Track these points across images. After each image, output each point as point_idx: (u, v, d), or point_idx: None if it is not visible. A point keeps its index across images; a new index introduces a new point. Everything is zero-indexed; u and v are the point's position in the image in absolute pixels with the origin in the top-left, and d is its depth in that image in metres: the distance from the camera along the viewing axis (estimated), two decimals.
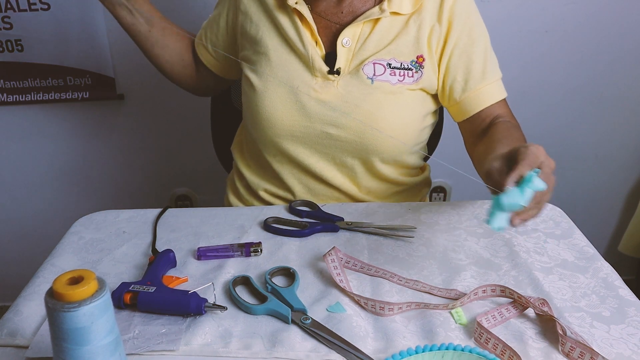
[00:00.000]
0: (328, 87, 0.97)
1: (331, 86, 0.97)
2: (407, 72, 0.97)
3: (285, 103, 0.98)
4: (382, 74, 0.96)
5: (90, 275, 0.54)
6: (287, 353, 0.65)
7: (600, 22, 1.59)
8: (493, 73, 1.00)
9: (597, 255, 0.84)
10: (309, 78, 0.97)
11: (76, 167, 1.78)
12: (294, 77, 0.98)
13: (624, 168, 1.82)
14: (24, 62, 1.60)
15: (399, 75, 0.96)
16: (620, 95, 1.70)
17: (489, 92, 0.99)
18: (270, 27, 1.00)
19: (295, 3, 0.96)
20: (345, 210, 0.97)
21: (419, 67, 0.97)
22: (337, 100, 0.96)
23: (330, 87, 0.97)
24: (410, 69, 0.97)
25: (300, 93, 0.97)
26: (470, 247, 0.86)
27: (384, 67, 0.96)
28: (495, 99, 1.00)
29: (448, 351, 0.61)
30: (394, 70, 0.96)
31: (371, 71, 0.96)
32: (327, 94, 0.97)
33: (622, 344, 0.66)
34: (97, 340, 0.54)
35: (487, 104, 0.99)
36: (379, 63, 0.96)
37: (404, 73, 0.97)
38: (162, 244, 0.88)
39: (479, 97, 0.99)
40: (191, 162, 1.76)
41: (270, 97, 0.98)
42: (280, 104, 0.98)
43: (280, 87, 0.98)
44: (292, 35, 0.98)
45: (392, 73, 0.96)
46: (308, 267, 0.81)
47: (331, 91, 0.97)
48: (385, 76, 0.96)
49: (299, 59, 0.98)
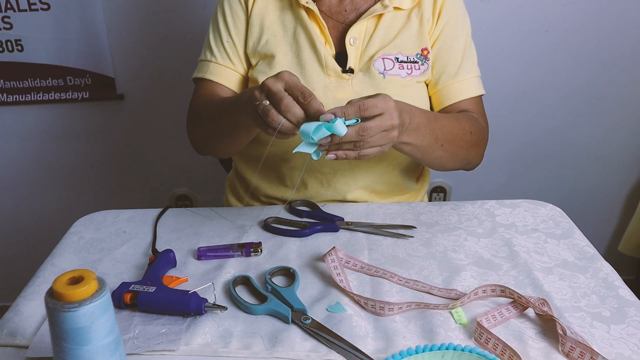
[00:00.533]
0: (343, 86, 0.98)
1: (346, 85, 0.98)
2: (414, 65, 0.99)
3: None
4: (392, 68, 0.98)
5: (90, 275, 0.54)
6: (287, 353, 0.65)
7: (600, 22, 1.59)
8: (468, 71, 1.02)
9: (597, 255, 0.84)
10: (323, 78, 0.98)
11: (76, 167, 1.78)
12: (308, 79, 0.98)
13: (624, 168, 1.82)
14: (24, 62, 1.60)
15: (407, 68, 0.99)
16: (620, 95, 1.70)
17: (460, 88, 1.01)
18: (280, 32, 1.00)
19: (306, 2, 0.97)
20: (345, 210, 0.97)
21: (424, 60, 1.00)
22: (353, 98, 0.96)
23: (345, 86, 0.98)
24: (416, 61, 0.99)
25: (317, 95, 0.96)
26: (470, 247, 0.86)
27: (392, 61, 0.98)
28: (465, 96, 1.02)
29: (448, 351, 0.61)
30: (402, 64, 0.98)
31: (381, 66, 0.97)
32: (343, 93, 0.97)
33: (622, 344, 0.66)
34: (97, 340, 0.54)
35: (456, 100, 1.01)
36: (388, 58, 0.98)
37: (411, 66, 0.99)
38: (162, 244, 0.88)
39: (450, 92, 1.01)
40: (191, 162, 1.76)
41: None
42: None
43: None
44: (302, 36, 0.98)
45: (400, 67, 0.98)
46: (308, 267, 0.81)
47: (346, 90, 0.98)
48: (395, 70, 0.98)
49: (312, 60, 0.98)
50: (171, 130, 1.72)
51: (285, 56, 0.99)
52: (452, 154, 0.95)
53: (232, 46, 1.03)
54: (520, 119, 1.73)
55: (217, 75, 1.04)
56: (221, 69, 1.04)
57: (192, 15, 1.58)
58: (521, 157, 1.79)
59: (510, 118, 1.71)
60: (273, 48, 1.00)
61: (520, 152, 1.78)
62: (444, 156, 0.94)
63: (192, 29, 1.59)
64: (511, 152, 1.77)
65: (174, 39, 1.60)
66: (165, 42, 1.61)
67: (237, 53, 1.03)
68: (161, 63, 1.63)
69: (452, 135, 0.92)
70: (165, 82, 1.66)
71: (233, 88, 1.05)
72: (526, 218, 0.94)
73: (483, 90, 1.05)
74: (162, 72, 1.64)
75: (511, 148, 1.76)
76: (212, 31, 1.06)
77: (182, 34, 1.59)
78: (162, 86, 1.66)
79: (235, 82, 1.05)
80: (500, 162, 1.79)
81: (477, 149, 1.00)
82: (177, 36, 1.60)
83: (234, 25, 1.03)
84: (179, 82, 1.63)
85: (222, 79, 1.04)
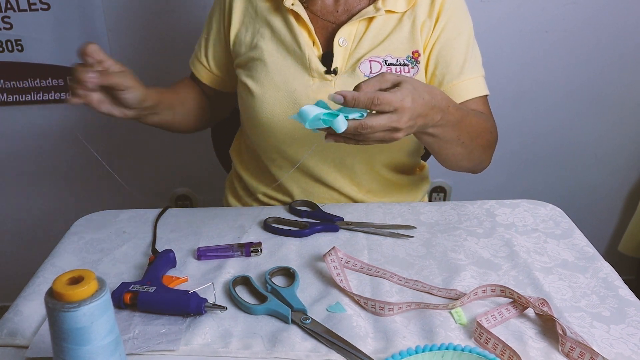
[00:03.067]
0: (325, 87, 0.96)
1: (328, 86, 0.97)
2: (403, 67, 0.97)
3: (284, 108, 0.97)
4: (379, 71, 0.96)
5: (90, 275, 0.54)
6: (287, 353, 0.65)
7: (600, 22, 1.59)
8: (472, 70, 1.00)
9: (597, 255, 0.84)
10: (306, 79, 0.97)
11: (76, 167, 1.78)
12: (291, 80, 0.97)
13: (623, 168, 1.82)
14: (24, 62, 1.60)
15: (395, 71, 0.96)
16: (619, 95, 1.70)
17: (464, 88, 0.99)
18: (264, 32, 1.00)
19: (291, 4, 0.96)
20: (345, 210, 0.97)
21: (414, 63, 0.97)
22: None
23: (328, 87, 0.96)
24: (406, 64, 0.97)
25: (298, 96, 0.96)
26: (470, 247, 0.86)
27: (380, 64, 0.96)
28: (470, 96, 0.99)
29: (448, 351, 0.61)
30: (390, 67, 0.96)
31: (367, 69, 0.96)
32: (325, 94, 0.96)
33: (622, 344, 0.66)
34: (97, 340, 0.54)
35: (462, 99, 0.99)
36: (375, 60, 0.96)
37: (400, 69, 0.96)
38: (162, 244, 0.88)
39: (454, 93, 0.98)
40: (191, 162, 1.76)
41: (268, 102, 0.98)
42: (278, 108, 0.97)
43: (278, 92, 0.97)
44: (287, 37, 0.98)
45: (388, 69, 0.96)
46: (308, 267, 0.81)
47: (329, 91, 0.96)
48: None
49: (295, 61, 0.97)
50: None
51: (270, 57, 0.98)
52: (469, 152, 0.93)
53: (210, 45, 1.08)
54: (520, 119, 1.73)
55: (195, 69, 1.12)
56: (197, 64, 1.11)
57: (192, 16, 1.58)
58: (521, 157, 1.79)
59: (510, 118, 1.71)
60: (259, 49, 0.99)
61: (520, 152, 1.78)
62: (461, 153, 0.92)
63: (192, 29, 1.58)
64: (511, 152, 1.77)
65: (174, 39, 1.60)
66: (165, 42, 1.61)
67: (213, 53, 1.08)
68: (161, 63, 1.63)
69: (475, 134, 0.91)
70: (165, 82, 1.65)
71: (207, 84, 1.11)
72: (526, 218, 0.94)
73: (487, 91, 1.03)
74: (162, 72, 1.64)
75: (511, 148, 1.76)
76: (205, 25, 1.10)
77: (182, 34, 1.59)
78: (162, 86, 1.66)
79: (209, 80, 1.11)
80: (500, 162, 1.78)
81: (490, 151, 1.00)
82: (177, 36, 1.60)
83: (218, 24, 1.05)
84: None
85: (197, 73, 1.11)
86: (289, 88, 0.97)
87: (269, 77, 0.98)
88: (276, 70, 0.98)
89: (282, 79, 0.97)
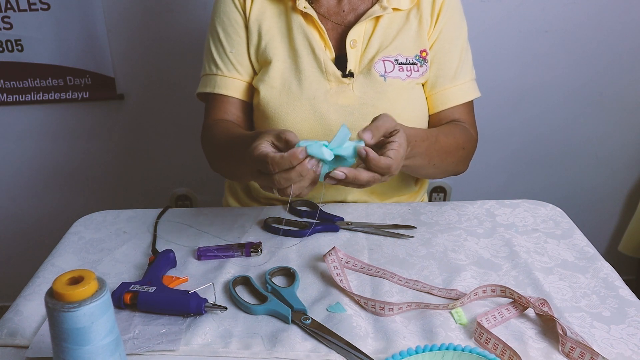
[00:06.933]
0: (344, 91, 0.97)
1: (347, 89, 0.97)
2: (413, 66, 0.99)
3: (306, 118, 0.96)
4: (392, 71, 0.97)
5: (90, 275, 0.54)
6: (287, 353, 0.65)
7: (600, 22, 1.59)
8: (465, 74, 1.02)
9: (597, 255, 0.84)
10: (324, 84, 0.97)
11: (76, 167, 1.78)
12: (309, 87, 0.96)
13: (624, 168, 1.82)
14: (24, 62, 1.60)
15: (406, 70, 0.98)
16: (620, 95, 1.70)
17: (454, 93, 1.01)
18: (278, 37, 0.99)
19: (304, 7, 0.96)
20: (345, 210, 0.97)
21: (423, 62, 0.99)
22: (355, 103, 0.96)
23: (347, 91, 0.97)
24: (415, 63, 0.99)
25: (318, 102, 0.96)
26: (470, 247, 0.86)
27: (392, 63, 0.97)
28: (459, 101, 1.02)
29: (448, 351, 0.61)
30: (401, 66, 0.98)
31: (382, 68, 0.97)
32: (344, 98, 0.97)
33: (622, 344, 0.66)
34: (97, 340, 0.54)
35: (448, 105, 1.01)
36: (388, 60, 0.97)
37: (410, 68, 0.98)
38: (162, 244, 0.88)
39: (444, 97, 1.01)
40: (191, 162, 1.76)
41: (290, 115, 0.96)
42: (300, 119, 0.96)
43: (298, 101, 0.96)
44: (301, 42, 0.97)
45: (400, 69, 0.98)
46: (308, 267, 0.81)
47: (348, 95, 0.97)
48: (396, 72, 0.97)
49: (311, 66, 0.97)
50: (171, 130, 1.72)
51: (283, 63, 0.98)
52: (442, 171, 0.98)
53: (236, 55, 1.02)
54: (520, 119, 1.73)
55: (225, 88, 1.02)
56: (229, 81, 1.02)
57: (192, 16, 1.58)
58: (521, 157, 1.79)
59: (510, 118, 1.71)
60: (271, 54, 0.99)
61: (520, 152, 1.78)
62: (434, 172, 0.97)
63: (192, 29, 1.59)
64: (511, 152, 1.77)
65: (174, 39, 1.60)
66: (165, 42, 1.61)
67: (242, 62, 1.02)
68: (161, 63, 1.63)
69: (445, 155, 0.93)
70: (165, 82, 1.66)
71: (242, 98, 1.03)
72: (526, 218, 0.94)
73: (478, 92, 1.05)
74: (162, 72, 1.64)
75: (511, 148, 1.76)
76: (213, 43, 1.03)
77: (182, 34, 1.59)
78: (162, 86, 1.66)
79: (244, 91, 1.04)
80: (500, 162, 1.79)
81: (465, 161, 1.02)
82: (177, 36, 1.60)
83: (236, 33, 1.02)
84: (179, 82, 1.64)
85: (232, 91, 1.02)
86: (308, 95, 0.96)
87: (286, 87, 0.97)
88: (293, 78, 0.97)
89: (299, 87, 0.96)
